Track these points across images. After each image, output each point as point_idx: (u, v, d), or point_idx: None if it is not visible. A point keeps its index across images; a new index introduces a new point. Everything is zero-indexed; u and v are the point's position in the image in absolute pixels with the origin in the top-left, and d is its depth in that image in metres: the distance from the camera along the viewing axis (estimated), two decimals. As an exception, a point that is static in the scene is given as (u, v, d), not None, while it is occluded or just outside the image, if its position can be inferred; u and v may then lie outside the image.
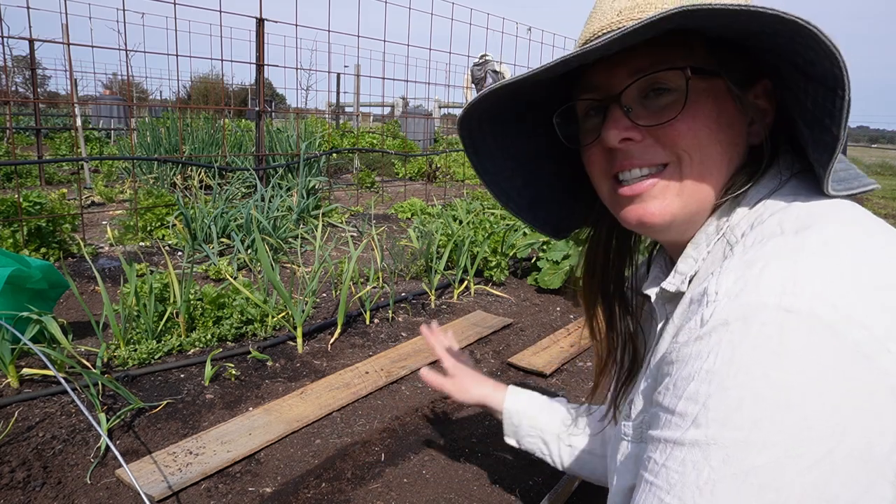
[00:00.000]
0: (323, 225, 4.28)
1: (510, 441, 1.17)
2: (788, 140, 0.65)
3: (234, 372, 1.92)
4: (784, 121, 0.65)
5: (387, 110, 12.72)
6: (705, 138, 0.61)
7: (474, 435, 1.65)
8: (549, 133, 0.74)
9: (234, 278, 2.64)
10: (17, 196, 3.06)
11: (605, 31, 0.62)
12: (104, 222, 4.13)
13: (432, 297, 2.79)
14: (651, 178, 0.64)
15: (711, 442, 0.46)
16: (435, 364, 2.11)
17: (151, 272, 2.38)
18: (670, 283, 0.66)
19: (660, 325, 0.69)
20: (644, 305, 0.85)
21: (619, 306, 0.86)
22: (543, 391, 1.93)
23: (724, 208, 0.63)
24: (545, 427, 1.12)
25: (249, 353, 2.05)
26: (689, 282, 0.64)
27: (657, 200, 0.64)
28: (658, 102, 0.62)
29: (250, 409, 1.71)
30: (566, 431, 1.10)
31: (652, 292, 0.72)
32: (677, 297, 0.66)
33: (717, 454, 0.45)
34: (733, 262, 0.52)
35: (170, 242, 3.58)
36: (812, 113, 0.56)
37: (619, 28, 0.56)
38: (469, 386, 1.19)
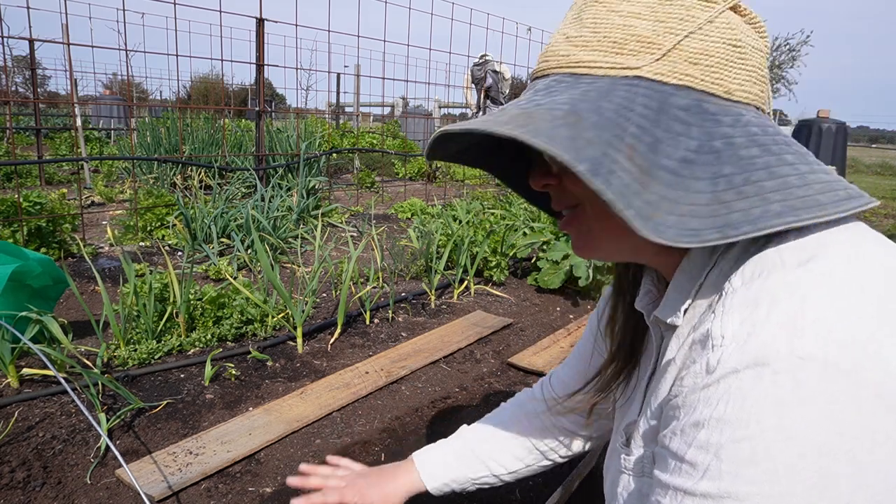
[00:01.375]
0: (323, 225, 4.28)
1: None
2: None
3: (234, 372, 1.92)
4: None
5: (387, 110, 12.72)
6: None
7: (474, 435, 1.65)
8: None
9: (234, 278, 2.64)
10: (17, 196, 3.06)
11: (532, 76, 0.68)
12: (104, 222, 4.13)
13: (432, 297, 2.79)
14: (568, 217, 0.68)
15: (724, 495, 0.45)
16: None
17: (151, 272, 2.38)
18: (663, 313, 0.65)
19: (656, 350, 0.69)
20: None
21: (629, 321, 0.84)
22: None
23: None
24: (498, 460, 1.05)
25: (249, 353, 2.05)
26: (684, 313, 0.63)
27: (578, 238, 0.68)
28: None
29: (250, 409, 1.71)
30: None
31: (644, 311, 0.71)
32: (672, 326, 0.65)
33: None
34: (736, 299, 0.51)
35: (170, 242, 3.58)
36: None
37: (536, 76, 0.65)
38: (364, 493, 0.99)
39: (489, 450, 1.06)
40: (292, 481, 1.05)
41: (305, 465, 1.06)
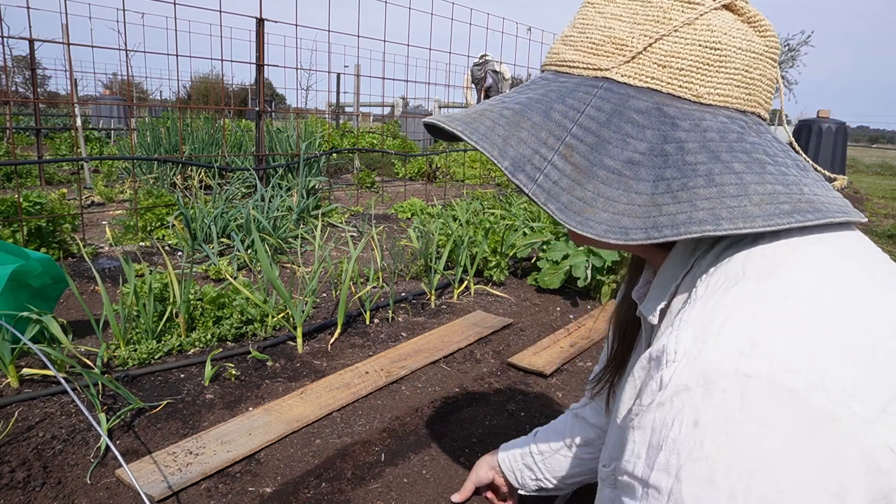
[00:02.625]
0: (323, 225, 4.28)
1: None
2: None
3: (234, 372, 1.92)
4: None
5: (387, 110, 12.72)
6: None
7: (474, 435, 1.65)
8: None
9: (234, 278, 2.64)
10: (17, 196, 3.06)
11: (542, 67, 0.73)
12: (104, 222, 4.13)
13: (432, 297, 2.79)
14: None
15: None
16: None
17: (151, 272, 2.38)
18: (646, 308, 0.66)
19: (645, 345, 0.71)
20: None
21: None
22: (542, 394, 1.93)
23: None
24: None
25: (249, 353, 2.05)
26: (660, 314, 0.64)
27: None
28: None
29: (250, 409, 1.71)
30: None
31: (638, 301, 0.73)
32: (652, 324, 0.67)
33: None
34: (693, 311, 0.52)
35: (170, 242, 3.58)
36: None
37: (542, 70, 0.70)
38: None
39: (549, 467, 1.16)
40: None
41: None
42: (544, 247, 3.13)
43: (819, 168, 0.66)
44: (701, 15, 0.60)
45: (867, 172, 15.14)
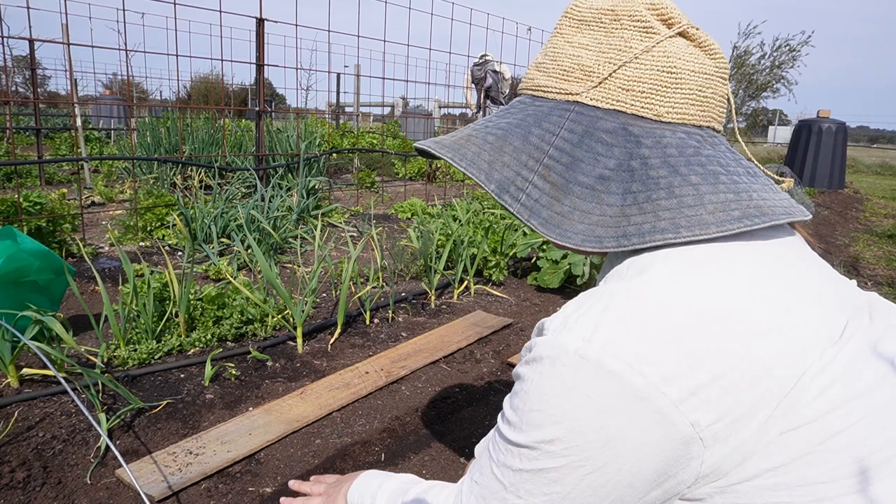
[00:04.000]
0: (323, 225, 4.28)
1: None
2: None
3: (234, 372, 1.92)
4: None
5: (387, 110, 12.72)
6: None
7: (474, 435, 1.65)
8: None
9: (234, 278, 2.64)
10: (17, 196, 3.06)
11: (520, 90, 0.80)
12: (104, 222, 4.13)
13: (432, 297, 2.80)
14: None
15: (523, 445, 0.60)
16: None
17: (151, 272, 2.39)
18: None
19: None
20: None
21: None
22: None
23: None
24: None
25: (249, 353, 2.05)
26: None
27: None
28: None
29: (250, 409, 1.71)
30: None
31: None
32: None
33: (528, 454, 0.60)
34: (574, 300, 0.62)
35: (170, 242, 3.58)
36: None
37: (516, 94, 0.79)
38: None
39: None
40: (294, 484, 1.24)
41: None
42: (544, 246, 3.13)
43: (769, 172, 0.74)
44: (658, 43, 0.67)
45: (867, 172, 15.14)
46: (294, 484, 1.27)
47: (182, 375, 1.90)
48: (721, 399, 0.54)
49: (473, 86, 9.10)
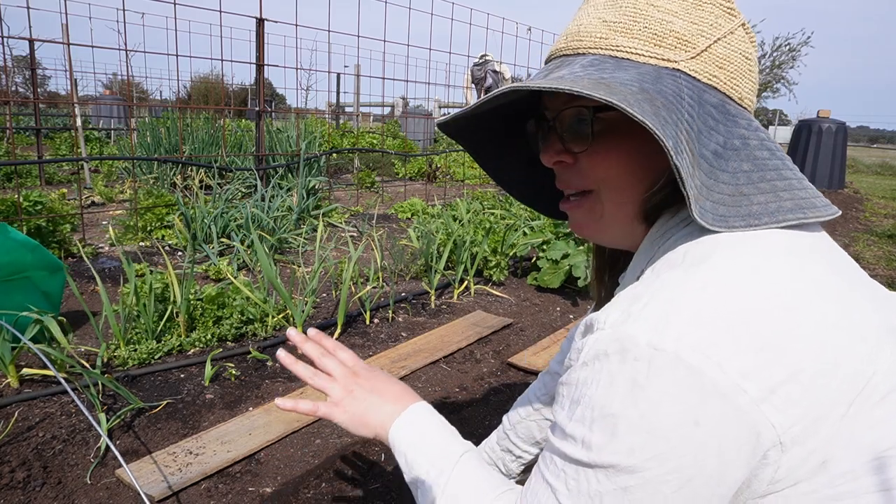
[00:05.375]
0: (323, 225, 4.28)
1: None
2: None
3: (234, 372, 1.92)
4: None
5: (387, 110, 12.72)
6: (618, 167, 0.66)
7: (474, 435, 1.65)
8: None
9: (234, 278, 2.64)
10: (17, 196, 3.06)
11: (554, 53, 0.70)
12: (104, 222, 4.13)
13: (432, 297, 2.79)
14: (578, 200, 0.70)
15: (597, 463, 0.53)
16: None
17: (151, 272, 2.38)
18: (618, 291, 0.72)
19: None
20: None
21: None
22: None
23: (659, 223, 0.66)
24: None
25: (249, 353, 2.05)
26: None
27: (584, 220, 0.71)
28: (581, 131, 0.66)
29: (250, 409, 1.71)
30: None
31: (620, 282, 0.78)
32: None
33: (603, 472, 0.52)
34: (628, 292, 0.57)
35: (170, 242, 3.58)
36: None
37: (561, 55, 0.67)
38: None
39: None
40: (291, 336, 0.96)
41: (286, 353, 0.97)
42: (544, 246, 3.13)
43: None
44: (739, 25, 0.65)
45: (867, 172, 15.13)
46: (294, 335, 0.98)
47: (182, 375, 1.90)
48: (800, 397, 0.50)
49: (473, 86, 9.11)
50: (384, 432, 0.82)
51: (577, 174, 0.69)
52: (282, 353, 0.94)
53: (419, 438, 0.79)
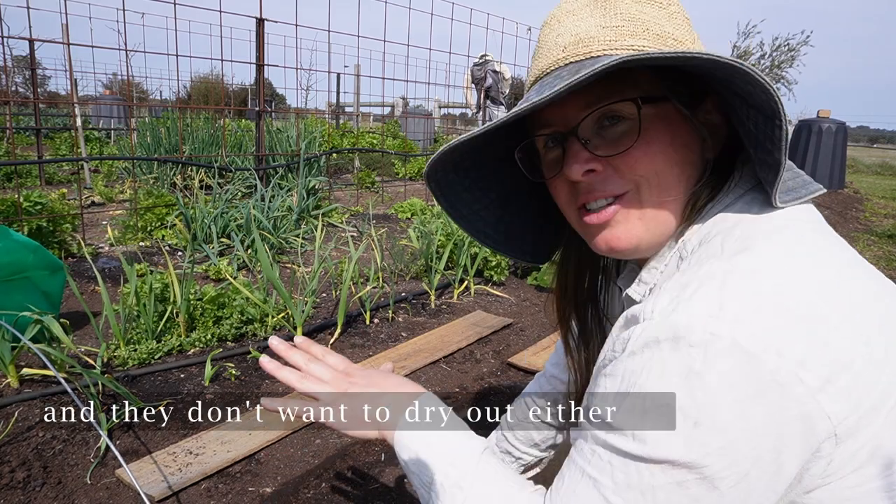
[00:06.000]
0: (323, 225, 4.28)
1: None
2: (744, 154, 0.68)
3: (234, 372, 1.92)
4: (738, 135, 0.67)
5: (387, 110, 12.72)
6: (661, 162, 0.63)
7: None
8: (510, 166, 0.75)
9: (234, 278, 2.64)
10: (17, 196, 3.06)
11: (552, 67, 0.65)
12: (104, 222, 4.13)
13: (432, 297, 2.79)
14: (614, 205, 0.65)
15: (651, 457, 0.50)
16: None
17: (151, 272, 2.38)
18: (635, 292, 0.69)
19: None
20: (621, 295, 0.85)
21: (591, 316, 0.87)
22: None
23: (685, 222, 0.65)
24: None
25: (249, 352, 2.05)
26: (650, 293, 0.66)
27: (622, 226, 0.66)
28: (613, 132, 0.64)
29: (250, 409, 1.71)
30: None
31: (623, 287, 0.75)
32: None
33: (658, 466, 0.50)
34: (672, 282, 0.56)
35: (170, 242, 3.58)
36: (755, 136, 0.58)
37: (566, 64, 0.63)
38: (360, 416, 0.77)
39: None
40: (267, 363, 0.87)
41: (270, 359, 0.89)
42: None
43: None
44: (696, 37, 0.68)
45: (867, 172, 15.13)
46: (277, 344, 0.93)
47: (182, 375, 1.90)
48: (854, 387, 0.49)
49: (473, 86, 9.10)
50: (390, 426, 0.74)
51: (610, 178, 0.64)
52: (265, 360, 0.85)
53: (433, 437, 0.72)
